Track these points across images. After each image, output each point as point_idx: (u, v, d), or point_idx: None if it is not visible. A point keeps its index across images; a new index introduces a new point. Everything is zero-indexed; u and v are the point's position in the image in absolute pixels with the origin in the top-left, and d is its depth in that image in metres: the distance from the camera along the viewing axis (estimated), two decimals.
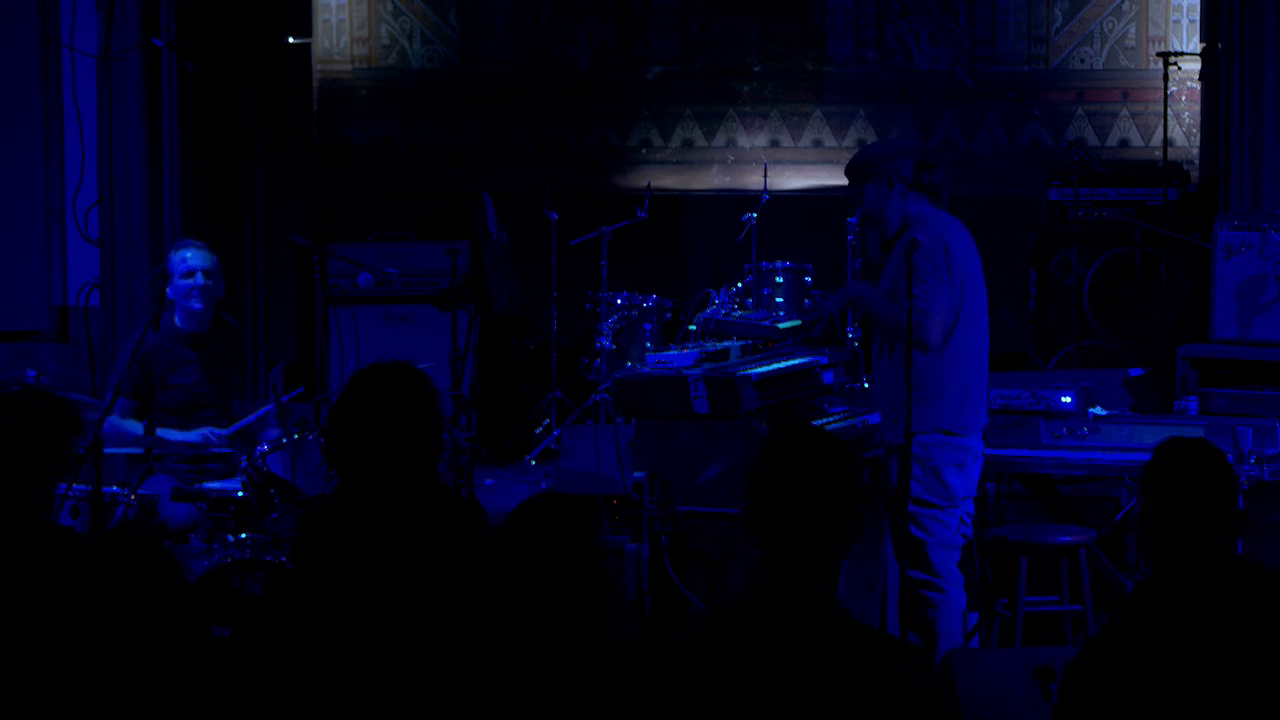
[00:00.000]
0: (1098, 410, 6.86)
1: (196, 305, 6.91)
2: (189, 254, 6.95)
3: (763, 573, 3.32)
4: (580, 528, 3.59)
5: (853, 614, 3.34)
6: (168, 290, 6.95)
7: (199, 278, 6.91)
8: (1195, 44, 9.88)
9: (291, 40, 9.80)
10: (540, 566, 3.55)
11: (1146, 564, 3.62)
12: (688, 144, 10.58)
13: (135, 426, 6.71)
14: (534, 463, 8.75)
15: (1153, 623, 3.40)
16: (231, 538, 5.99)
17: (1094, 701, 3.39)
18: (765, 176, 9.29)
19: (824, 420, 6.56)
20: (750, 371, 6.25)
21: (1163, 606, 3.41)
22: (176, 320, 6.96)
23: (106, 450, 6.03)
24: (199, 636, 3.66)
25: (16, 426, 4.29)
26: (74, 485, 6.15)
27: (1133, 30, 10.22)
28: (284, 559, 5.80)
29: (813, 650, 3.23)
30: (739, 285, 7.84)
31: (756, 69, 10.50)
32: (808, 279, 8.88)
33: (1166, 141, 9.32)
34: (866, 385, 7.09)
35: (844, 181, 6.28)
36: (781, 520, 3.29)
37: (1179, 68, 9.48)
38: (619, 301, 8.68)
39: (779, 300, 8.65)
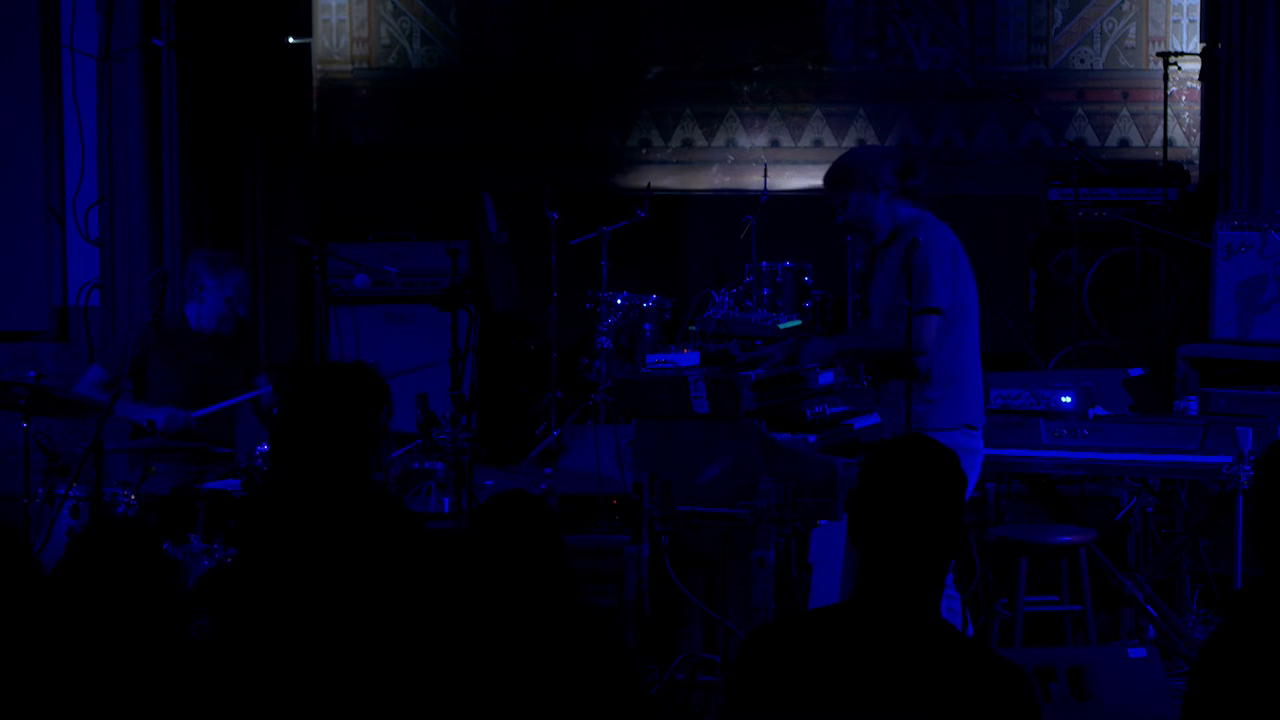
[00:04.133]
0: (1098, 410, 6.86)
1: (227, 329, 7.00)
2: (236, 278, 7.00)
3: (865, 580, 3.28)
4: (537, 522, 3.57)
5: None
6: (195, 297, 6.98)
7: (239, 306, 7.00)
8: (1195, 44, 9.88)
9: (291, 40, 9.79)
10: (502, 562, 3.53)
11: (1258, 564, 3.52)
12: (688, 144, 10.58)
13: (103, 397, 6.67)
14: (534, 463, 8.74)
15: (1269, 622, 3.33)
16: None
17: (1220, 704, 3.33)
18: (765, 176, 9.29)
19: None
20: (750, 372, 6.25)
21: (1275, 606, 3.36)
22: (190, 319, 7.02)
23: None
24: (184, 635, 3.67)
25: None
26: (74, 485, 6.17)
27: (1133, 30, 10.22)
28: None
29: (910, 660, 3.19)
30: (739, 285, 7.86)
31: (756, 69, 10.50)
32: (807, 279, 8.88)
33: (1166, 141, 9.32)
34: (863, 385, 7.10)
35: None
36: (887, 529, 3.24)
37: (1179, 68, 9.48)
38: (619, 301, 8.67)
39: (779, 300, 8.65)
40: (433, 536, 4.30)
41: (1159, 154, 9.36)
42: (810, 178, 10.18)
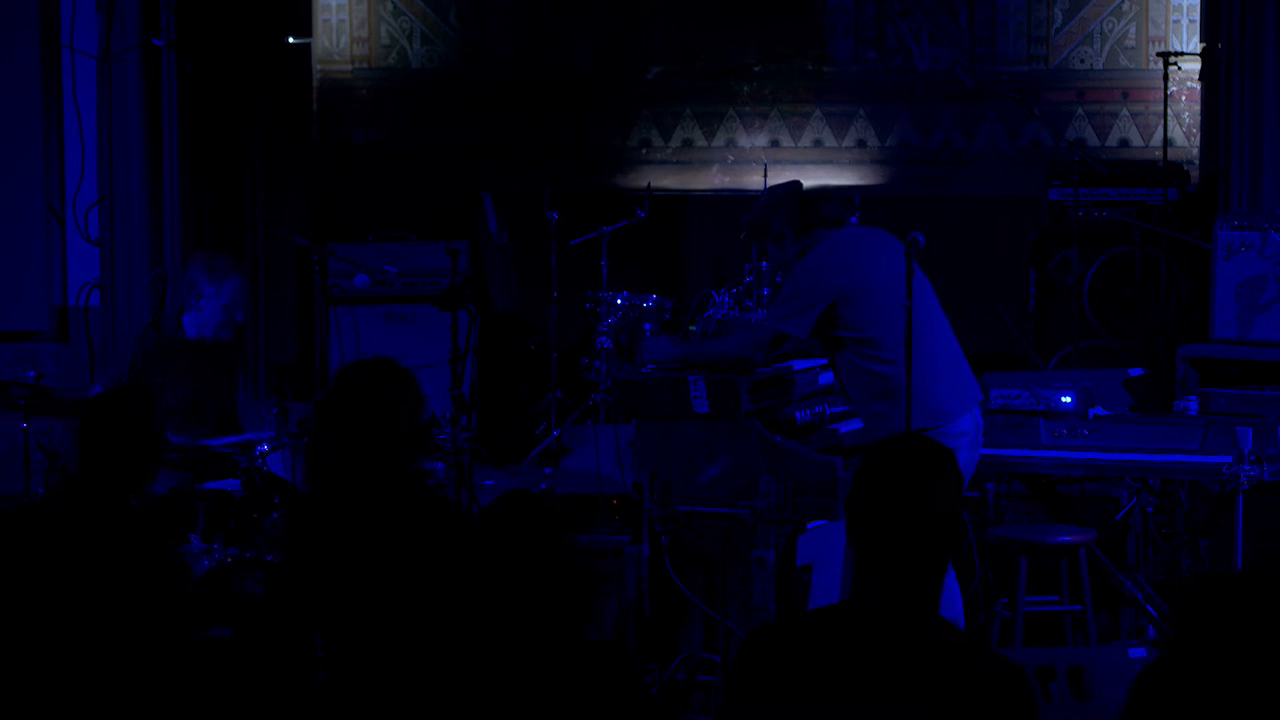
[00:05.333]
0: (1098, 410, 6.85)
1: (225, 336, 6.99)
2: (234, 284, 6.98)
3: (862, 580, 3.28)
4: (544, 524, 3.57)
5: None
6: (193, 305, 6.97)
7: (236, 312, 6.98)
8: (1195, 44, 9.88)
9: (291, 40, 9.79)
10: (508, 563, 3.52)
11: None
12: (688, 144, 10.58)
13: None
14: (534, 463, 8.74)
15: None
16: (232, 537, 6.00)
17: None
18: (765, 176, 9.29)
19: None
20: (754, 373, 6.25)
21: None
22: (187, 328, 7.00)
23: None
24: (191, 635, 3.67)
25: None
26: None
27: (1133, 30, 10.22)
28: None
29: (909, 660, 3.19)
30: (739, 285, 7.86)
31: (756, 69, 10.50)
32: None
33: (1166, 141, 9.32)
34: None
35: (845, 181, 6.33)
36: (885, 528, 3.24)
37: (1179, 68, 9.48)
38: (619, 301, 8.67)
39: None
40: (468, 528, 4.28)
41: (1159, 154, 9.36)
42: (810, 178, 10.17)
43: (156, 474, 4.52)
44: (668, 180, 10.44)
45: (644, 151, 10.58)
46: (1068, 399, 6.83)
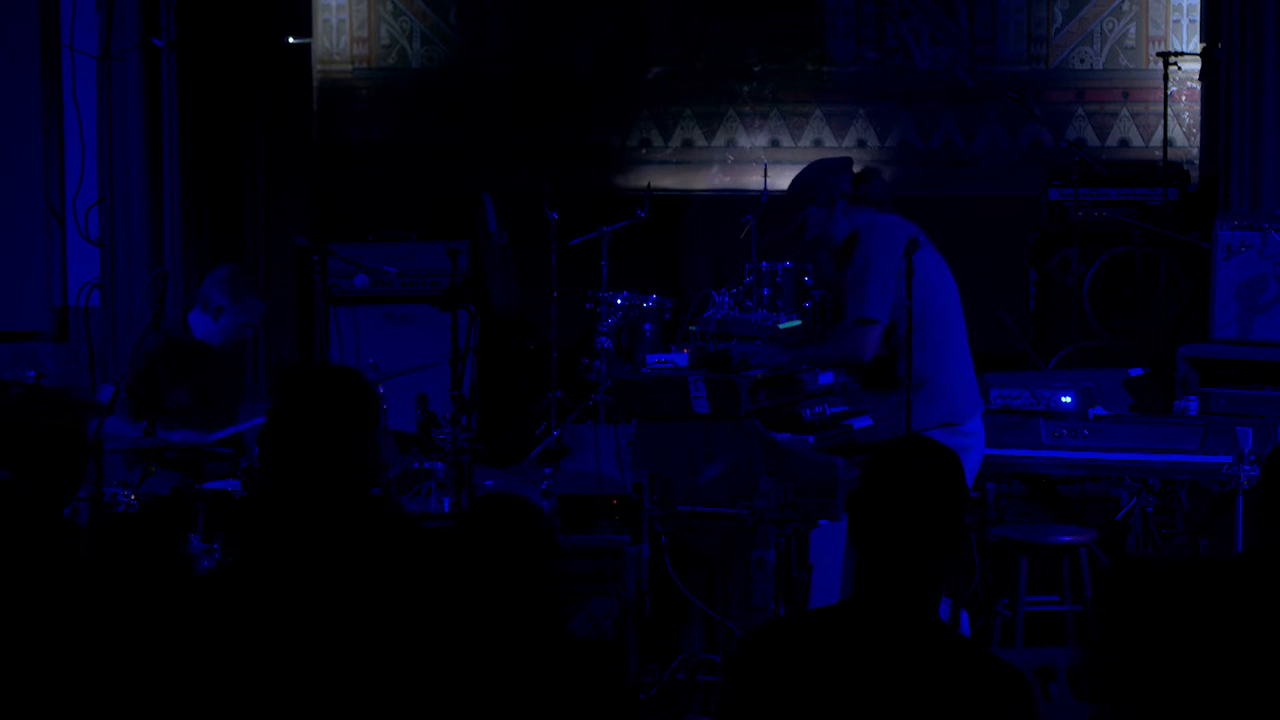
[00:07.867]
0: (1098, 410, 6.86)
1: (229, 347, 7.02)
2: (254, 305, 7.03)
3: (863, 580, 3.28)
4: (530, 525, 3.54)
5: None
6: (209, 312, 6.98)
7: (247, 330, 7.03)
8: (1195, 44, 9.88)
9: (291, 40, 9.79)
10: (489, 565, 3.50)
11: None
12: (688, 144, 10.58)
13: (134, 429, 6.71)
14: (534, 463, 8.74)
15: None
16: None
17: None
18: (765, 176, 9.28)
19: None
20: (751, 372, 6.25)
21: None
22: (194, 329, 7.02)
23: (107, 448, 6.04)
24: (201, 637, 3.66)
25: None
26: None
27: (1133, 30, 10.22)
28: None
29: (907, 661, 3.18)
30: (739, 285, 7.86)
31: (756, 69, 10.50)
32: (807, 279, 8.87)
33: (1166, 141, 9.32)
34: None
35: None
36: (887, 528, 3.23)
37: (1179, 68, 9.48)
38: (619, 301, 8.67)
39: (779, 300, 8.66)
40: (427, 537, 4.26)
41: (1159, 154, 9.36)
42: None
43: None
44: (668, 180, 10.44)
45: (644, 151, 10.58)
46: (1068, 399, 6.83)
